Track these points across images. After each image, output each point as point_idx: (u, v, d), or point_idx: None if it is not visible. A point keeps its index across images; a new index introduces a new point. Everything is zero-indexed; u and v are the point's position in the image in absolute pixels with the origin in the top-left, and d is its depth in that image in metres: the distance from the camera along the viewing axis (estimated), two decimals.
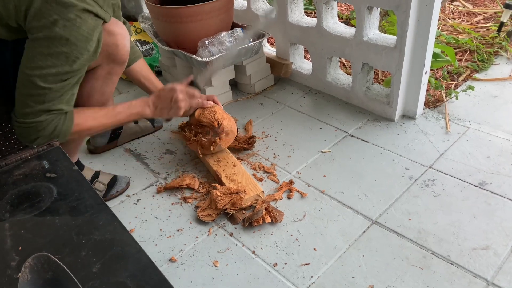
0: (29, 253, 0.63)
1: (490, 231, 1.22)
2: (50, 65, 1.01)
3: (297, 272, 1.16)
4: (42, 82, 1.02)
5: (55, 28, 0.98)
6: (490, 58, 2.08)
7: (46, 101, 1.05)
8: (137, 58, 1.49)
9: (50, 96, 1.05)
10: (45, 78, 1.02)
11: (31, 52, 1.01)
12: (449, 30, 2.40)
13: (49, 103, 1.06)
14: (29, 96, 1.04)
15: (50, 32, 0.98)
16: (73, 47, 1.01)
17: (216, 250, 1.24)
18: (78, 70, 1.07)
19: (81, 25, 1.00)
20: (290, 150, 1.61)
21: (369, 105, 1.78)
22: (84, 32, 1.01)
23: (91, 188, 0.80)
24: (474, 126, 1.64)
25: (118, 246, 0.68)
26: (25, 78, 1.03)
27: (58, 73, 1.03)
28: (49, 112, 1.07)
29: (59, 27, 0.98)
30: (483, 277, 1.10)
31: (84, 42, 1.02)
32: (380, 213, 1.31)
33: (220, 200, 1.32)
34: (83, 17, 1.00)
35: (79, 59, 1.04)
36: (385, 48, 1.60)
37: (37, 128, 1.07)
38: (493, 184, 1.37)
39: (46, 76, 1.02)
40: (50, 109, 1.07)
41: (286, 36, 1.95)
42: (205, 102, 1.53)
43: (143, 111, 1.28)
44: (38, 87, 1.03)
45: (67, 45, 1.00)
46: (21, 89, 1.05)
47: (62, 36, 0.99)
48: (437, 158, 1.50)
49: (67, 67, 1.03)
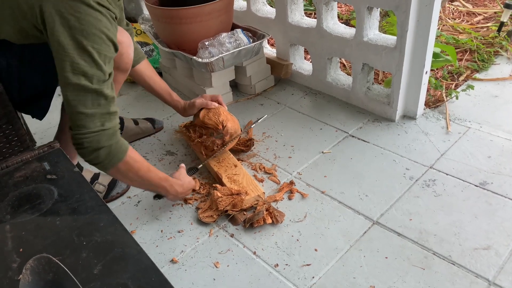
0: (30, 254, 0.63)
1: (491, 231, 1.22)
2: (87, 66, 0.98)
3: (298, 272, 1.16)
4: (89, 84, 0.99)
5: (79, 26, 0.96)
6: (490, 58, 2.08)
7: (101, 104, 1.02)
8: (140, 59, 1.49)
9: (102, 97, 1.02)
10: (90, 79, 0.99)
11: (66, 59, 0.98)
12: (449, 30, 2.40)
13: (106, 105, 1.03)
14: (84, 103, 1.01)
15: (75, 32, 0.96)
16: (100, 41, 0.99)
17: (217, 251, 1.24)
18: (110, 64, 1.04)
19: (101, 18, 0.99)
20: (291, 151, 1.61)
21: (370, 105, 1.78)
22: (106, 24, 1.00)
23: (91, 190, 0.80)
24: (475, 126, 1.64)
25: (119, 247, 0.68)
26: (73, 88, 0.99)
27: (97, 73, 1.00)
28: (108, 115, 1.04)
29: (82, 24, 0.97)
30: (484, 277, 1.10)
31: (107, 33, 1.01)
32: (381, 214, 1.31)
33: (221, 201, 1.32)
34: (101, 10, 0.99)
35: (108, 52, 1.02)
36: (385, 49, 1.60)
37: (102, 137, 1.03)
38: (494, 184, 1.37)
39: (90, 77, 0.99)
40: (109, 111, 1.04)
41: (286, 37, 1.96)
42: (209, 102, 1.54)
43: (169, 193, 1.28)
44: (88, 90, 0.99)
45: (94, 41, 0.98)
46: (73, 101, 1.00)
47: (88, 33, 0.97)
48: (437, 158, 1.50)
49: (102, 62, 1.00)
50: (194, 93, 1.91)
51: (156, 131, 1.79)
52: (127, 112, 1.94)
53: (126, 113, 1.93)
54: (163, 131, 1.80)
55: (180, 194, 1.31)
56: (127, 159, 1.10)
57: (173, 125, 1.82)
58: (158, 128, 1.79)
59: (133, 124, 1.72)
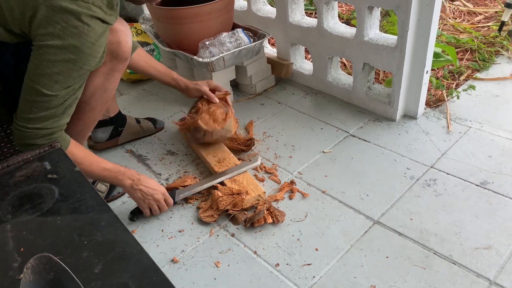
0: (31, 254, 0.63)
1: (492, 230, 1.22)
2: (57, 72, 1.01)
3: (299, 272, 1.16)
4: (48, 90, 1.02)
5: (63, 35, 0.98)
6: (491, 58, 2.08)
7: (50, 108, 1.06)
8: (134, 49, 1.50)
9: (55, 102, 1.05)
10: (51, 86, 1.02)
11: (38, 59, 1.01)
12: (450, 30, 2.40)
13: (54, 109, 1.06)
14: (34, 103, 1.04)
15: (57, 39, 0.98)
16: (81, 54, 1.02)
17: (218, 251, 1.24)
18: (83, 76, 1.08)
19: (88, 32, 1.01)
20: (292, 151, 1.61)
21: (370, 105, 1.78)
22: (91, 39, 1.02)
23: (92, 189, 0.80)
24: (476, 126, 1.63)
25: (120, 247, 0.68)
26: (30, 85, 1.03)
27: (64, 80, 1.03)
28: (53, 118, 1.07)
29: (67, 34, 0.98)
30: (485, 276, 1.10)
31: (91, 48, 1.03)
32: (381, 213, 1.31)
33: (221, 200, 1.32)
34: (91, 24, 1.01)
35: (86, 65, 1.04)
36: (386, 48, 1.60)
37: (35, 136, 1.07)
38: (495, 184, 1.37)
39: (52, 84, 1.02)
40: (54, 115, 1.07)
41: (287, 36, 1.95)
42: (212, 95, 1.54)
43: (125, 181, 1.27)
44: (43, 94, 1.03)
45: (75, 53, 1.01)
46: (26, 95, 1.05)
47: (70, 44, 0.99)
48: (438, 157, 1.50)
49: (74, 73, 1.03)
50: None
51: (157, 131, 1.79)
52: (128, 111, 1.93)
53: (127, 112, 1.92)
54: (163, 131, 1.80)
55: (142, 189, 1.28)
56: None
57: (174, 125, 1.82)
58: (159, 128, 1.79)
59: (135, 122, 1.72)
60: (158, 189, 1.32)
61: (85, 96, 1.22)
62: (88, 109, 1.26)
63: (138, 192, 1.29)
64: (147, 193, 1.30)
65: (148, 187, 1.30)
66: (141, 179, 1.30)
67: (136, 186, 1.28)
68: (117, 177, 1.26)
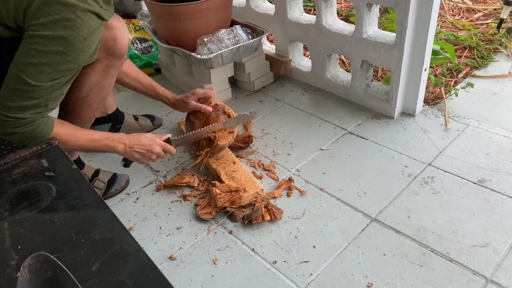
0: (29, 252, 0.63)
1: (490, 228, 1.22)
2: (44, 63, 0.99)
3: (296, 269, 1.16)
4: (32, 80, 1.00)
5: (54, 27, 0.97)
6: (490, 55, 2.08)
7: (32, 98, 1.03)
8: None
9: (38, 93, 1.03)
10: (37, 76, 1.00)
11: (26, 48, 0.99)
12: (448, 27, 2.40)
13: (36, 100, 1.03)
14: (16, 91, 1.02)
15: (48, 30, 0.97)
16: (70, 47, 1.00)
17: (215, 248, 1.24)
18: (71, 70, 1.05)
19: (81, 26, 0.99)
20: (290, 148, 1.61)
21: (369, 102, 1.78)
22: (84, 33, 1.00)
23: (90, 187, 0.80)
24: (474, 123, 1.64)
25: (117, 245, 0.68)
26: (15, 73, 1.01)
27: (51, 71, 1.01)
28: (34, 109, 1.04)
29: (58, 26, 0.97)
30: (482, 274, 1.10)
31: (82, 43, 1.01)
32: (379, 211, 1.31)
33: (219, 198, 1.32)
34: (85, 18, 0.99)
35: (75, 60, 1.02)
36: (385, 45, 1.60)
37: (14, 124, 1.04)
38: (492, 181, 1.37)
39: (38, 74, 1.00)
40: (36, 106, 1.04)
41: (286, 33, 1.95)
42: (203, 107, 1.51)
43: (116, 147, 1.25)
44: (27, 83, 1.00)
45: (64, 45, 0.99)
46: (9, 83, 1.02)
47: (60, 36, 0.98)
48: (436, 155, 1.50)
49: (62, 66, 1.01)
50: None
51: (155, 128, 1.79)
52: (125, 108, 1.93)
53: (125, 109, 1.92)
54: (161, 128, 1.80)
55: (136, 147, 1.27)
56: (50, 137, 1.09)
57: (172, 122, 1.82)
58: (157, 125, 1.79)
59: (133, 120, 1.72)
60: (153, 142, 1.30)
61: (81, 93, 1.21)
62: (85, 106, 1.26)
63: (134, 153, 1.28)
64: (143, 150, 1.29)
65: (143, 144, 1.29)
66: (132, 140, 1.28)
67: (129, 148, 1.27)
68: (107, 144, 1.24)
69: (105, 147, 1.24)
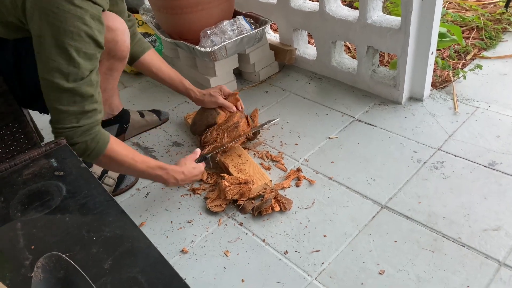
0: (42, 251, 0.64)
1: (502, 211, 1.21)
2: (64, 64, 0.99)
3: (308, 259, 1.16)
4: (64, 83, 1.00)
5: (57, 22, 0.96)
6: (498, 35, 2.04)
7: (77, 102, 1.03)
8: (146, 49, 1.47)
9: (78, 95, 1.02)
10: (66, 77, 1.00)
11: (43, 55, 0.99)
12: (455, 8, 2.35)
13: (81, 103, 1.03)
14: (59, 100, 1.02)
15: (53, 28, 0.96)
16: (79, 38, 0.99)
17: (226, 240, 1.25)
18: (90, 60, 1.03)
19: (82, 15, 0.98)
20: (297, 138, 1.61)
21: (376, 88, 1.76)
22: (87, 21, 0.99)
23: (99, 185, 0.81)
24: (483, 106, 1.61)
25: (128, 242, 0.69)
26: (47, 84, 1.01)
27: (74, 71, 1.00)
28: (85, 114, 1.05)
29: (60, 20, 0.96)
30: (494, 258, 1.09)
31: (88, 31, 1.00)
32: (389, 198, 1.31)
33: (229, 190, 1.33)
34: (82, 6, 0.98)
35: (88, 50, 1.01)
36: (390, 30, 1.57)
37: (76, 133, 1.04)
38: (503, 164, 1.35)
39: (65, 75, 0.99)
40: (84, 109, 1.04)
41: (289, 21, 1.93)
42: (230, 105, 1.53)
43: (168, 180, 1.25)
44: (62, 88, 1.00)
45: (73, 39, 0.98)
46: (49, 95, 1.03)
47: (66, 30, 0.97)
48: (445, 139, 1.49)
49: (80, 60, 1.00)
50: (198, 83, 1.90)
51: (162, 123, 1.79)
52: (132, 104, 1.94)
53: (131, 105, 1.93)
54: (169, 122, 1.80)
55: (181, 181, 1.29)
56: (108, 152, 1.11)
57: (179, 116, 1.82)
58: (164, 119, 1.80)
59: (139, 117, 1.73)
60: (198, 174, 1.33)
61: None
62: None
63: (179, 183, 1.30)
64: (187, 182, 1.31)
65: (190, 179, 1.31)
66: (184, 179, 1.28)
67: (177, 183, 1.28)
68: (161, 176, 1.24)
69: (155, 177, 1.24)
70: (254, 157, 1.55)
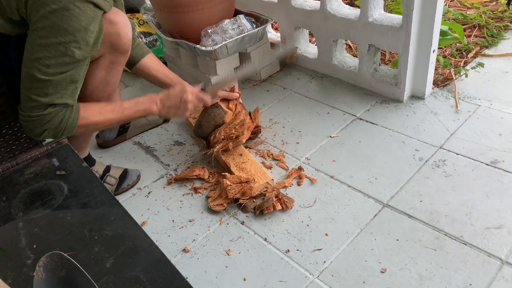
0: (44, 250, 0.64)
1: (504, 209, 1.21)
2: (48, 56, 1.00)
3: (309, 257, 1.16)
4: (41, 74, 1.02)
5: (53, 18, 0.97)
6: (500, 33, 2.03)
7: (48, 94, 1.05)
8: (145, 53, 1.46)
9: (52, 88, 1.04)
10: (44, 70, 1.02)
11: (31, 44, 1.01)
12: (456, 6, 2.34)
13: (52, 96, 1.06)
14: (32, 89, 1.04)
15: (47, 22, 0.98)
16: (71, 37, 1.00)
17: (228, 239, 1.25)
18: (77, 62, 1.05)
19: (79, 15, 0.99)
20: (298, 136, 1.61)
21: (377, 87, 1.76)
22: (83, 22, 1.00)
23: (101, 184, 0.81)
24: (485, 104, 1.61)
25: (130, 240, 0.69)
26: (26, 71, 1.03)
27: (57, 64, 1.02)
28: (53, 105, 1.07)
29: (57, 16, 0.97)
30: (497, 256, 1.09)
31: (82, 33, 1.01)
32: (391, 196, 1.30)
33: (230, 189, 1.33)
34: (82, 8, 0.99)
35: (77, 50, 1.03)
36: (391, 28, 1.57)
37: (42, 121, 1.07)
38: (505, 162, 1.35)
39: (45, 68, 1.01)
40: (54, 102, 1.06)
41: (290, 20, 1.93)
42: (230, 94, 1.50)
43: (150, 108, 1.26)
44: (38, 79, 1.02)
45: (65, 36, 0.99)
46: (24, 83, 1.05)
47: (60, 26, 0.98)
48: (447, 138, 1.48)
49: (66, 58, 1.02)
50: (200, 82, 1.90)
51: (164, 122, 1.79)
52: None
53: None
54: (170, 121, 1.80)
55: (169, 103, 1.27)
56: (80, 123, 1.13)
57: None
58: (165, 119, 1.80)
59: None
60: (183, 91, 1.29)
61: (87, 90, 1.22)
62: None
63: (169, 109, 1.28)
64: (176, 102, 1.28)
65: (173, 96, 1.28)
66: (162, 97, 1.27)
67: (162, 105, 1.27)
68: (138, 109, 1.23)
69: (137, 113, 1.24)
70: (256, 156, 1.54)
